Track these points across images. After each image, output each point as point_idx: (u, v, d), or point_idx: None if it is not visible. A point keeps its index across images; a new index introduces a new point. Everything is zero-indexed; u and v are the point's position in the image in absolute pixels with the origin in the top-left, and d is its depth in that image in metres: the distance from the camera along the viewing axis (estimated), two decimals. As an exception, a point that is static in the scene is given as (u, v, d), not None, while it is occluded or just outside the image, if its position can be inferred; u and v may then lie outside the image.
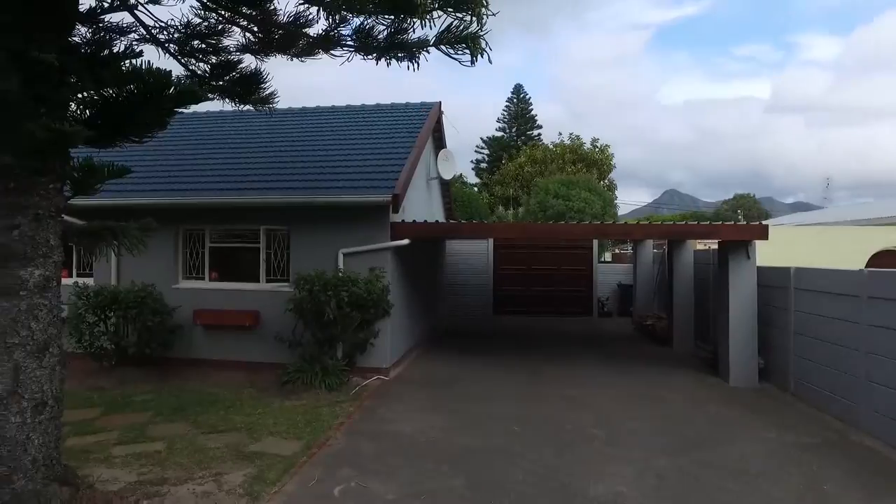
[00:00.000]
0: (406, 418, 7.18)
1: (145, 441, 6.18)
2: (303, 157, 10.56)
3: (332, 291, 8.10)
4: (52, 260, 4.03)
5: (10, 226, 3.76)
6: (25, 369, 3.88)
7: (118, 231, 4.59)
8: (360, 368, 9.07)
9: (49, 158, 3.87)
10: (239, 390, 8.43)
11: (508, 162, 38.40)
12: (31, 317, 3.89)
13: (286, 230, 9.63)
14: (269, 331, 9.37)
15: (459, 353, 11.55)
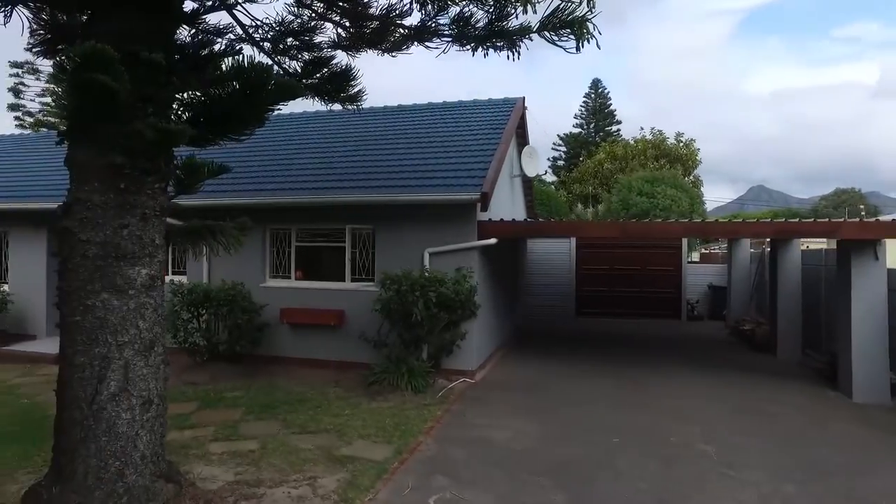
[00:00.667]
0: (496, 424, 6.91)
1: (239, 439, 6.23)
2: (387, 155, 10.49)
3: (420, 291, 7.95)
4: (157, 259, 4.04)
5: (120, 225, 3.78)
6: (134, 367, 3.90)
7: (217, 230, 4.58)
8: (445, 370, 8.89)
9: (155, 158, 3.87)
10: (325, 389, 8.43)
11: (587, 159, 37.38)
12: (138, 315, 3.90)
13: (371, 229, 9.58)
14: (354, 330, 9.36)
15: (543, 356, 11.16)
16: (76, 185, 3.76)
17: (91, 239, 3.72)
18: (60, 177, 12.94)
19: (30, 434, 6.41)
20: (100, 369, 3.78)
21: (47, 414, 7.19)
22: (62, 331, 3.88)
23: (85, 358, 3.79)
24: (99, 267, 3.74)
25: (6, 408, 7.52)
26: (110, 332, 3.79)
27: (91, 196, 3.71)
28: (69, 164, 3.81)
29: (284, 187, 9.86)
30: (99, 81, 3.20)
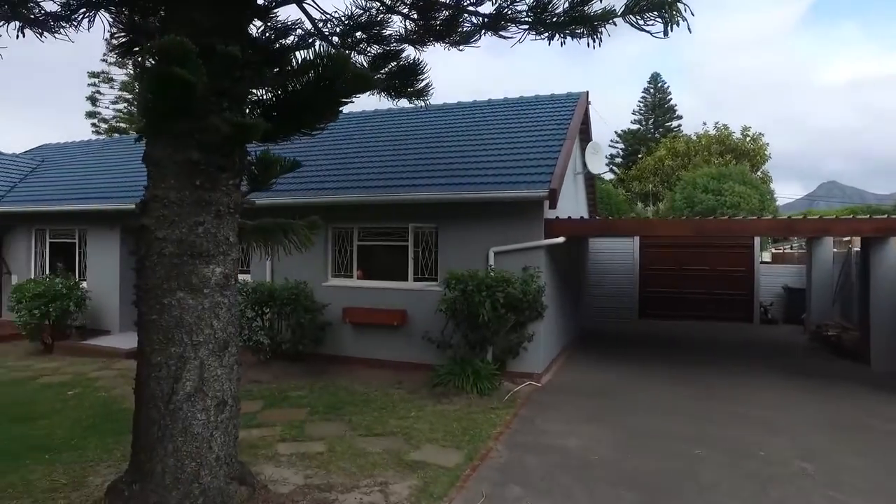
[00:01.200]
0: (568, 431, 6.59)
1: (306, 440, 6.16)
2: (449, 153, 10.30)
3: (487, 292, 7.72)
4: (231, 258, 3.97)
5: (196, 223, 3.72)
6: (208, 367, 3.83)
7: (289, 228, 4.48)
8: (511, 373, 8.62)
9: (230, 154, 3.79)
10: (388, 390, 8.32)
11: (646, 156, 36.21)
12: (213, 315, 3.83)
13: (434, 228, 9.42)
14: (417, 330, 9.22)
15: (610, 359, 10.73)
16: (153, 183, 3.72)
17: (167, 237, 3.67)
18: (133, 179, 13.43)
19: (108, 427, 6.56)
20: (175, 369, 3.73)
21: (122, 407, 7.39)
22: (140, 329, 3.86)
23: (161, 357, 3.74)
24: (175, 265, 3.69)
25: (86, 400, 7.76)
26: (186, 331, 3.73)
27: (168, 193, 3.67)
28: (147, 162, 3.78)
29: (346, 186, 9.83)
30: (177, 75, 3.12)
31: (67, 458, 5.52)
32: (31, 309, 10.83)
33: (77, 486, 4.83)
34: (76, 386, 8.55)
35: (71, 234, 13.48)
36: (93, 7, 4.87)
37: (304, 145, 9.51)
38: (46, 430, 6.53)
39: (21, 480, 5.00)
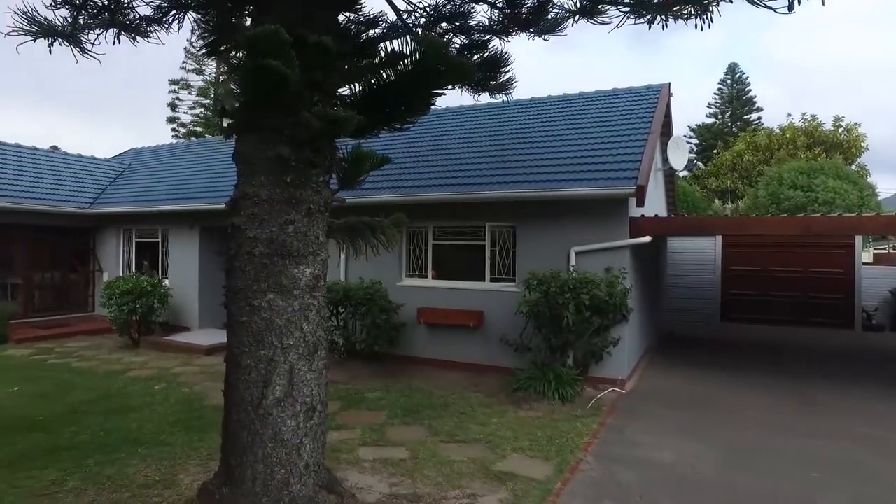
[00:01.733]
0: (661, 444, 6.14)
1: (387, 445, 6.00)
2: (526, 149, 9.95)
3: (571, 293, 7.34)
4: (321, 258, 3.82)
5: (286, 221, 3.58)
6: (298, 372, 3.69)
7: (376, 227, 4.30)
8: (592, 378, 8.21)
9: (321, 149, 3.64)
10: (465, 394, 8.08)
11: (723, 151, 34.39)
12: (302, 318, 3.69)
13: (511, 227, 9.11)
14: (493, 332, 8.95)
15: (695, 365, 10.07)
16: (243, 180, 3.61)
17: (258, 236, 3.55)
18: (210, 180, 13.84)
19: (193, 423, 6.64)
20: (265, 373, 3.61)
21: (204, 404, 7.49)
22: (229, 330, 3.77)
23: (251, 360, 3.63)
24: (265, 266, 3.57)
25: (172, 395, 7.93)
26: (275, 334, 3.60)
27: (258, 191, 3.55)
28: (236, 159, 3.68)
29: (421, 184, 9.67)
30: (271, 68, 2.97)
31: (158, 454, 5.59)
32: (121, 305, 11.28)
33: (169, 484, 4.84)
34: (161, 381, 8.78)
35: (154, 234, 14.03)
36: (182, 8, 4.87)
37: (376, 143, 9.40)
38: (137, 423, 6.68)
39: (118, 474, 5.09)
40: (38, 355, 10.80)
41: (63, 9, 4.87)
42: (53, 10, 4.84)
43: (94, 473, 5.10)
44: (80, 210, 14.19)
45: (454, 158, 10.42)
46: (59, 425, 6.59)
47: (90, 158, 17.28)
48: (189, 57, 32.72)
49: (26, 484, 4.92)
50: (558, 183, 8.42)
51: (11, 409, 7.26)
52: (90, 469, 5.21)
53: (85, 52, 5.32)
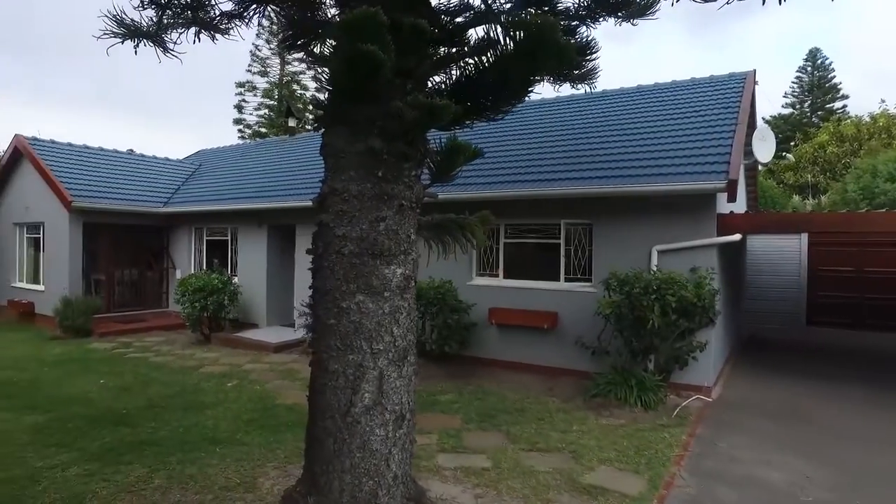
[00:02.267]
0: (763, 460, 5.63)
1: (466, 452, 5.75)
2: (601, 143, 9.50)
3: (656, 295, 6.90)
4: (412, 257, 3.60)
5: (377, 218, 3.37)
6: (388, 378, 3.48)
7: (465, 225, 4.05)
8: (675, 385, 7.72)
9: (414, 141, 3.41)
10: (541, 398, 7.76)
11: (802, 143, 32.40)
12: (393, 321, 3.48)
13: (588, 224, 8.70)
14: (568, 334, 8.58)
15: (783, 373, 9.36)
16: (332, 175, 3.42)
17: (347, 234, 3.36)
18: (276, 179, 14.00)
19: (267, 422, 6.60)
20: (354, 379, 3.42)
21: (276, 403, 7.47)
22: (315, 333, 3.60)
23: (339, 365, 3.44)
24: (354, 265, 3.37)
25: (244, 392, 7.96)
26: (365, 338, 3.40)
27: (348, 186, 3.35)
28: (325, 153, 3.50)
29: (491, 181, 9.37)
30: (367, 53, 2.76)
31: (236, 454, 5.54)
32: (193, 302, 11.53)
33: (249, 488, 4.76)
34: (233, 377, 8.86)
35: (224, 233, 14.33)
36: (262, 2, 4.77)
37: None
38: (213, 420, 6.70)
39: (200, 473, 5.06)
40: (119, 349, 11.17)
41: (149, 9, 4.89)
42: (140, 10, 4.88)
43: (177, 472, 5.09)
44: (156, 209, 14.66)
45: (525, 154, 10.06)
46: (141, 419, 6.69)
47: (163, 160, 17.87)
48: (255, 60, 33.62)
49: (116, 479, 4.96)
50: (640, 178, 7.95)
51: (99, 401, 7.45)
52: (173, 467, 5.20)
53: (167, 51, 5.35)
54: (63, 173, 13.73)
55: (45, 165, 13.64)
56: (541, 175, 9.01)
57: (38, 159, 13.78)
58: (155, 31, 5.10)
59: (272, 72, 33.94)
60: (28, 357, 10.24)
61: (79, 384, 8.35)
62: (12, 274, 15.36)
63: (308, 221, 11.90)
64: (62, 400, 7.51)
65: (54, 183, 13.23)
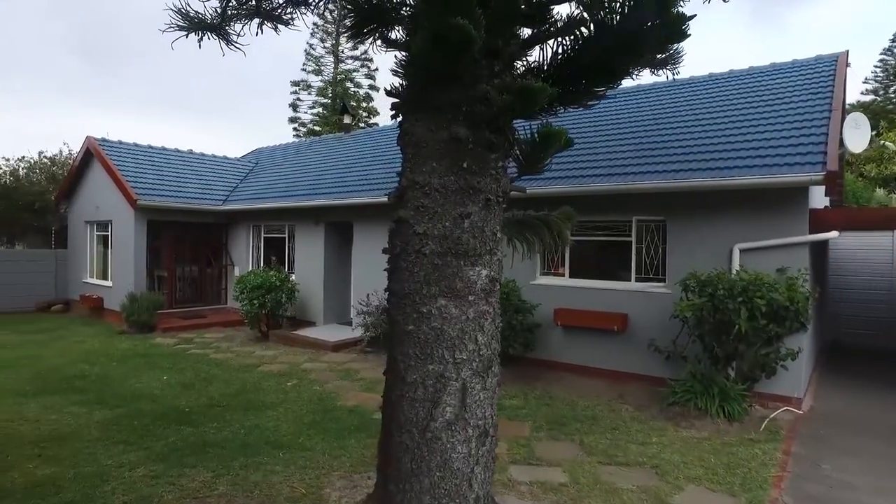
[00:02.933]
0: (878, 487, 5.03)
1: (540, 464, 5.39)
2: (676, 135, 8.92)
3: (743, 297, 6.34)
4: (497, 258, 3.26)
5: (461, 214, 3.05)
6: (471, 391, 3.16)
7: (550, 222, 3.69)
8: (760, 394, 7.14)
9: (502, 128, 3.08)
10: (612, 406, 7.31)
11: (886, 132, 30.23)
12: (477, 327, 3.16)
13: (661, 221, 8.17)
14: (639, 337, 8.08)
15: (878, 384, 8.56)
16: (411, 167, 3.12)
17: (428, 232, 3.06)
18: (332, 176, 13.94)
19: (329, 425, 6.41)
20: (434, 390, 3.12)
21: (337, 405, 7.29)
22: (391, 339, 3.31)
23: (417, 375, 3.15)
24: (436, 266, 3.06)
25: (304, 392, 7.83)
26: (447, 346, 3.09)
27: (430, 179, 3.04)
28: (403, 143, 3.20)
29: (556, 175, 8.93)
30: (458, 27, 2.44)
31: (299, 460, 5.35)
32: (252, 299, 11.56)
33: (315, 500, 4.54)
34: (292, 377, 8.76)
35: (281, 230, 14.37)
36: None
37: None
38: (274, 421, 6.57)
39: (264, 481, 4.88)
40: (181, 345, 11.30)
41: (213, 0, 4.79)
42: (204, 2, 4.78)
43: (241, 478, 4.93)
44: (215, 207, 14.85)
45: (593, 147, 9.57)
46: (204, 419, 6.62)
47: (222, 158, 18.16)
48: (309, 59, 33.99)
49: (181, 482, 4.85)
50: (722, 171, 7.36)
51: (163, 398, 7.46)
52: (237, 472, 5.05)
53: (230, 43, 5.24)
54: (129, 172, 14.07)
55: (113, 165, 14.00)
56: (610, 169, 8.52)
57: (107, 159, 14.17)
58: (219, 22, 4.99)
59: (326, 70, 34.27)
60: (97, 351, 10.47)
61: (144, 380, 8.42)
62: (84, 270, 15.90)
63: (365, 218, 11.79)
64: (129, 396, 7.56)
65: (121, 182, 13.56)
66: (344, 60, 34.11)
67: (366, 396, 7.70)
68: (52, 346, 11.07)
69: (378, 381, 8.51)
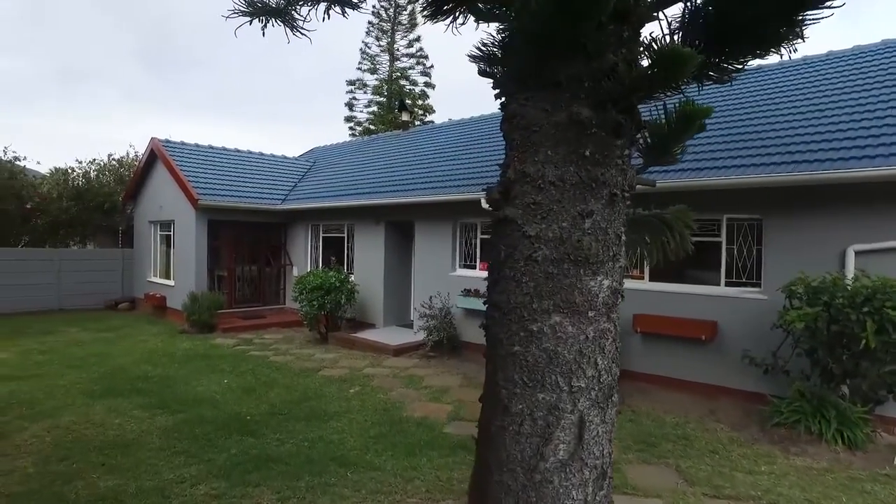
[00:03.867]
0: None
1: (637, 494, 4.78)
2: (773, 123, 8.07)
3: (869, 308, 5.54)
4: (620, 265, 2.71)
5: (581, 213, 2.52)
6: (589, 425, 2.62)
7: (672, 223, 3.11)
8: (881, 418, 6.27)
9: (631, 108, 2.53)
10: (703, 423, 6.61)
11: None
12: (597, 349, 2.62)
13: (757, 219, 7.38)
14: (730, 348, 7.34)
15: None
16: (520, 156, 2.60)
17: (541, 234, 2.53)
18: (392, 174, 13.58)
19: (397, 440, 5.96)
20: (545, 424, 2.59)
21: (404, 416, 6.85)
22: (491, 361, 2.81)
23: (524, 405, 2.63)
24: (550, 276, 2.54)
25: (368, 401, 7.44)
26: (561, 371, 2.57)
27: (543, 170, 2.52)
28: (508, 128, 2.69)
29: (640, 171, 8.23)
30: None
31: (369, 482, 4.93)
32: (311, 300, 11.33)
33: (391, 531, 4.10)
34: (354, 383, 8.40)
35: (340, 229, 14.13)
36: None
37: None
38: (338, 434, 6.19)
39: (331, 507, 4.48)
40: (241, 346, 11.18)
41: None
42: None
43: (308, 503, 4.54)
44: (274, 206, 14.75)
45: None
46: (265, 429, 6.31)
47: (280, 157, 18.14)
48: (364, 57, 33.99)
49: (243, 504, 4.51)
50: (832, 162, 6.53)
51: (224, 404, 7.23)
52: (303, 496, 4.65)
53: (295, 29, 4.87)
54: (190, 172, 14.13)
55: (175, 165, 14.09)
56: (697, 163, 7.76)
57: (170, 159, 14.28)
58: (284, 6, 4.65)
59: (381, 69, 34.17)
60: (160, 351, 10.44)
61: (205, 383, 8.24)
62: (148, 269, 16.15)
63: (426, 217, 11.37)
64: (190, 400, 7.36)
65: (183, 182, 13.61)
66: (399, 58, 33.93)
67: (433, 407, 7.25)
68: (118, 344, 11.14)
69: (444, 389, 8.06)
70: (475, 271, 10.72)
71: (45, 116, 60.76)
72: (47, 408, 6.98)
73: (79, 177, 19.23)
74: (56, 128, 59.74)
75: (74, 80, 69.16)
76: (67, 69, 68.10)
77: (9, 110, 51.62)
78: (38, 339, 11.55)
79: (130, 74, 68.66)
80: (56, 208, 17.85)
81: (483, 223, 10.66)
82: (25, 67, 61.63)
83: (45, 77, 65.23)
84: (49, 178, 19.26)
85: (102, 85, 70.31)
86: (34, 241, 18.13)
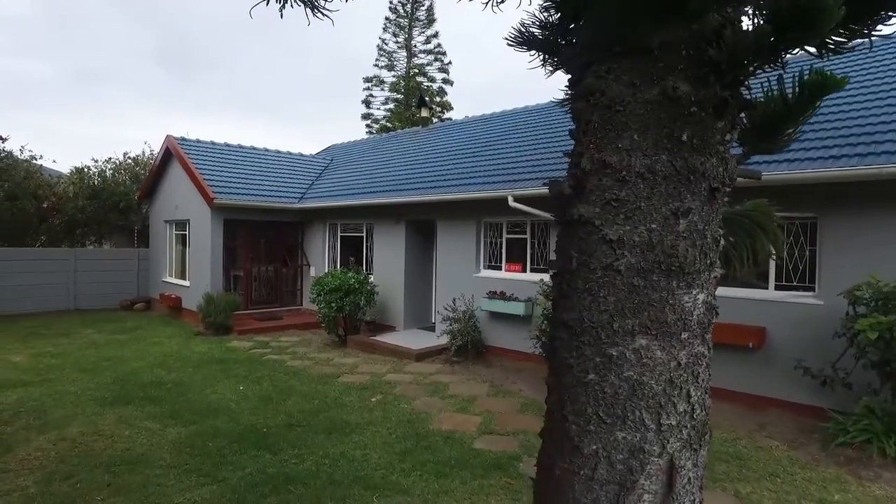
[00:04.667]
0: None
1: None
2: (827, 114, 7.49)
3: (955, 317, 4.98)
4: (715, 275, 2.22)
5: (674, 211, 2.03)
6: (680, 470, 2.14)
7: (766, 224, 2.61)
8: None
9: (736, 83, 2.04)
10: (755, 439, 6.08)
11: None
12: (691, 378, 2.14)
13: (811, 218, 6.82)
14: (780, 356, 6.80)
15: None
16: (597, 142, 2.11)
17: (625, 238, 2.05)
18: (412, 172, 13.13)
19: (425, 457, 5.49)
20: (626, 469, 2.12)
21: (430, 429, 6.39)
22: (556, 390, 2.33)
23: (600, 445, 2.16)
24: (635, 289, 2.06)
25: (391, 412, 7.01)
26: (647, 406, 2.09)
27: (629, 159, 2.04)
28: (581, 107, 2.21)
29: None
30: None
31: (397, 507, 4.49)
32: (329, 302, 10.94)
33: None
34: (375, 390, 7.98)
35: (359, 229, 13.73)
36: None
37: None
38: (361, 449, 5.76)
39: (355, 538, 4.05)
40: (257, 349, 10.81)
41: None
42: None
43: (333, 532, 4.11)
44: (291, 205, 14.39)
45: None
46: (283, 443, 5.90)
47: (297, 155, 17.79)
48: (381, 54, 33.62)
49: (260, 535, 4.08)
50: (886, 155, 5.96)
51: (239, 414, 6.84)
52: (327, 523, 4.23)
53: (316, 10, 4.43)
54: (206, 170, 13.81)
55: (191, 163, 13.78)
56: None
57: (185, 157, 13.97)
58: (305, -15, 4.20)
59: (398, 65, 33.77)
60: (174, 355, 10.11)
61: (220, 390, 7.88)
62: (163, 269, 15.89)
63: (449, 216, 10.90)
64: (203, 409, 6.98)
65: (198, 180, 13.29)
66: (416, 55, 33.50)
67: (461, 419, 6.79)
68: (132, 347, 10.83)
69: (471, 398, 7.59)
70: (501, 272, 10.24)
71: (64, 117, 61.33)
72: (55, 417, 6.64)
73: (95, 175, 19.05)
74: (74, 128, 60.25)
75: (93, 80, 69.75)
76: (86, 70, 68.69)
77: (29, 110, 52.11)
78: (52, 342, 11.28)
79: (148, 74, 69.07)
80: (72, 207, 17.67)
81: (509, 222, 10.17)
82: (45, 69, 62.24)
83: (65, 78, 65.84)
84: (67, 178, 19.13)
85: (120, 86, 70.81)
86: (51, 240, 17.97)
